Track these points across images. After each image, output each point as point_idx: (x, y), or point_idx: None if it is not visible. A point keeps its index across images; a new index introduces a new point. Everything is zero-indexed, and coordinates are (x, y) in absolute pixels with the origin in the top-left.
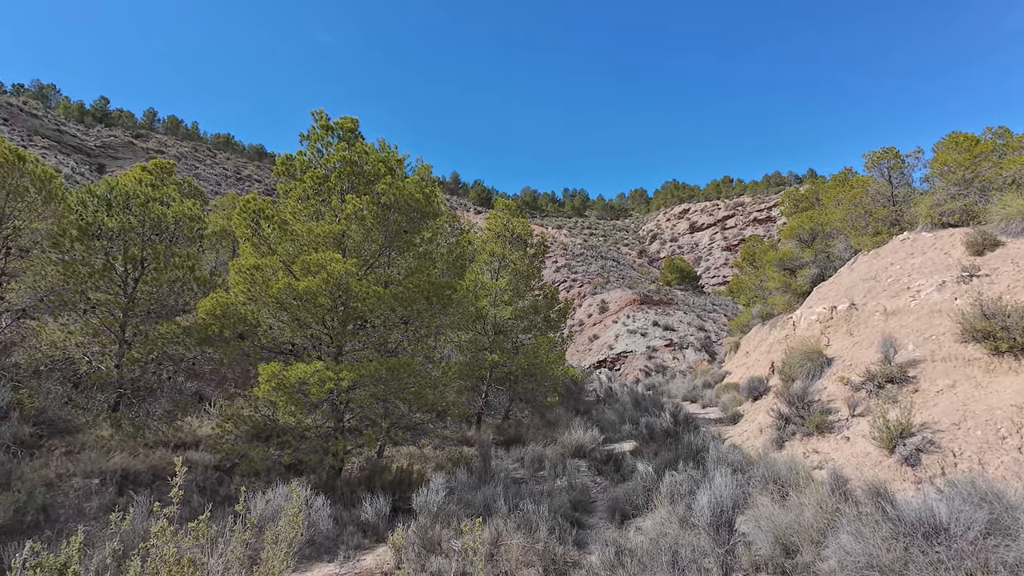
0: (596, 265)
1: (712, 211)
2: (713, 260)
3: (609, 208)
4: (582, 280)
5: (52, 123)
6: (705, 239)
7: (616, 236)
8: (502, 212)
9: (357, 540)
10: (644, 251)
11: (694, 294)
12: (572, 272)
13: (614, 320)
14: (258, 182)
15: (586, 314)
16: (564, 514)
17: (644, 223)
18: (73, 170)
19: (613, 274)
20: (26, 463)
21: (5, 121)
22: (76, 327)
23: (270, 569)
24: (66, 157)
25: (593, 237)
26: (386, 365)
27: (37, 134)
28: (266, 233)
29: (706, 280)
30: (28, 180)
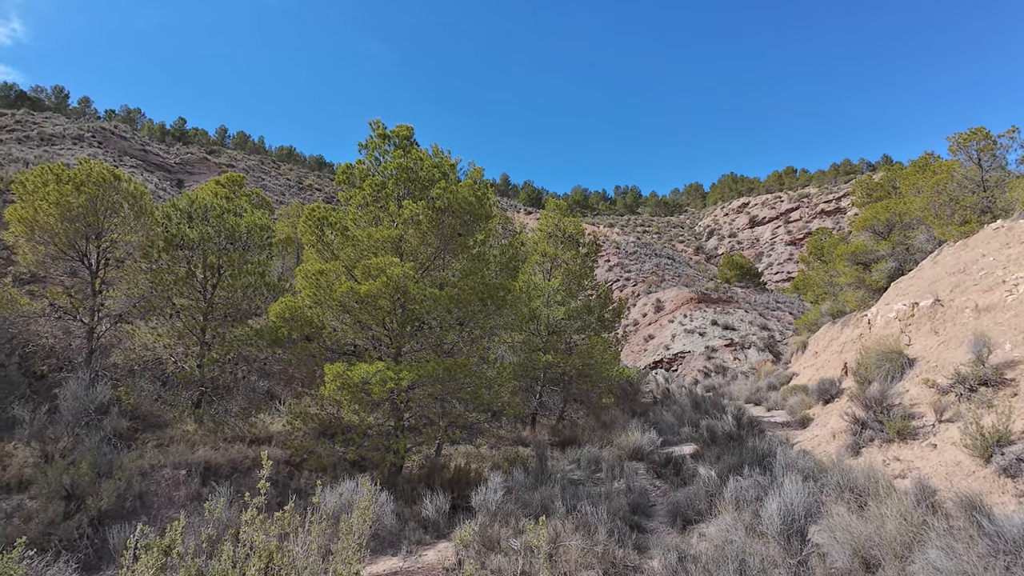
0: (650, 263)
1: (774, 204)
2: (776, 255)
3: (663, 204)
4: (636, 279)
5: (138, 144)
6: (767, 233)
7: (671, 233)
8: (553, 212)
9: (418, 536)
10: (701, 248)
11: (755, 291)
12: (625, 271)
13: (670, 319)
14: (319, 191)
15: (640, 314)
16: (623, 517)
17: (700, 219)
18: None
19: (668, 272)
20: (124, 454)
21: (99, 144)
22: (163, 330)
23: (346, 558)
24: (150, 174)
25: (647, 235)
26: (443, 365)
27: (126, 154)
28: (329, 239)
29: (768, 276)
30: (122, 197)
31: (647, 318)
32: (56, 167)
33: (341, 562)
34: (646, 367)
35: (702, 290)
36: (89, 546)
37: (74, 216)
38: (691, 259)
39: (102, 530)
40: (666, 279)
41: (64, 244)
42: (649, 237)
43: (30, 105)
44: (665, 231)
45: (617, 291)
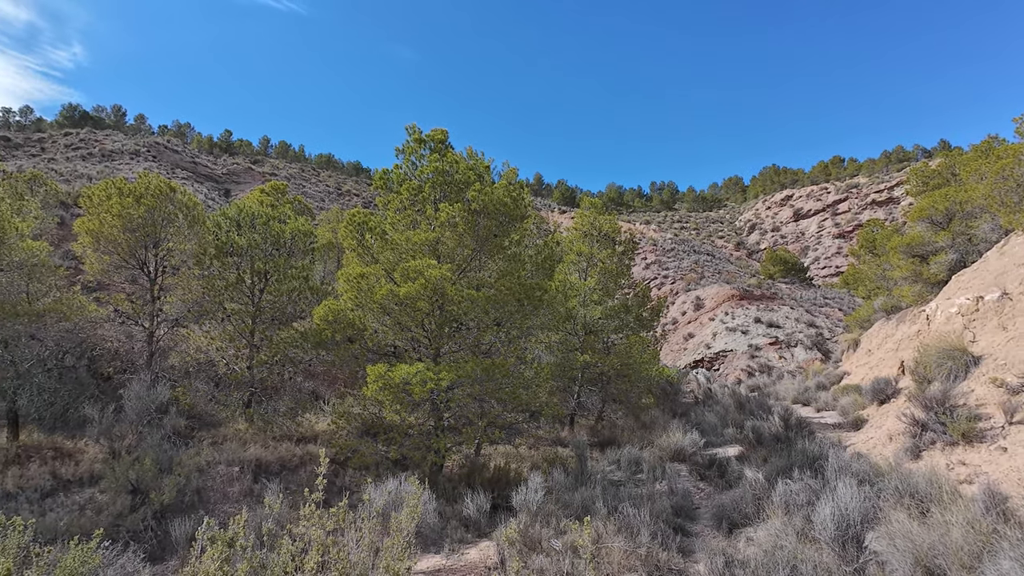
0: (689, 260)
1: (820, 196)
2: (823, 249)
3: (701, 200)
4: (674, 276)
5: (189, 156)
6: (812, 227)
7: (710, 229)
8: (588, 210)
9: (460, 534)
10: (742, 243)
11: (801, 287)
12: (663, 268)
13: (711, 317)
14: (356, 196)
15: (680, 312)
16: (666, 519)
17: (741, 213)
18: (206, 196)
19: (708, 269)
20: (183, 451)
21: (154, 158)
22: (216, 333)
23: (395, 555)
24: (200, 185)
25: (684, 231)
26: (481, 366)
27: (178, 167)
28: (369, 243)
29: (815, 271)
30: (177, 208)
31: (686, 316)
32: (118, 181)
33: (390, 558)
34: (686, 366)
35: (744, 287)
36: (153, 537)
37: (134, 227)
38: (731, 255)
39: (164, 523)
40: (706, 276)
41: (126, 253)
42: (687, 233)
43: (92, 124)
44: (704, 227)
45: (655, 289)
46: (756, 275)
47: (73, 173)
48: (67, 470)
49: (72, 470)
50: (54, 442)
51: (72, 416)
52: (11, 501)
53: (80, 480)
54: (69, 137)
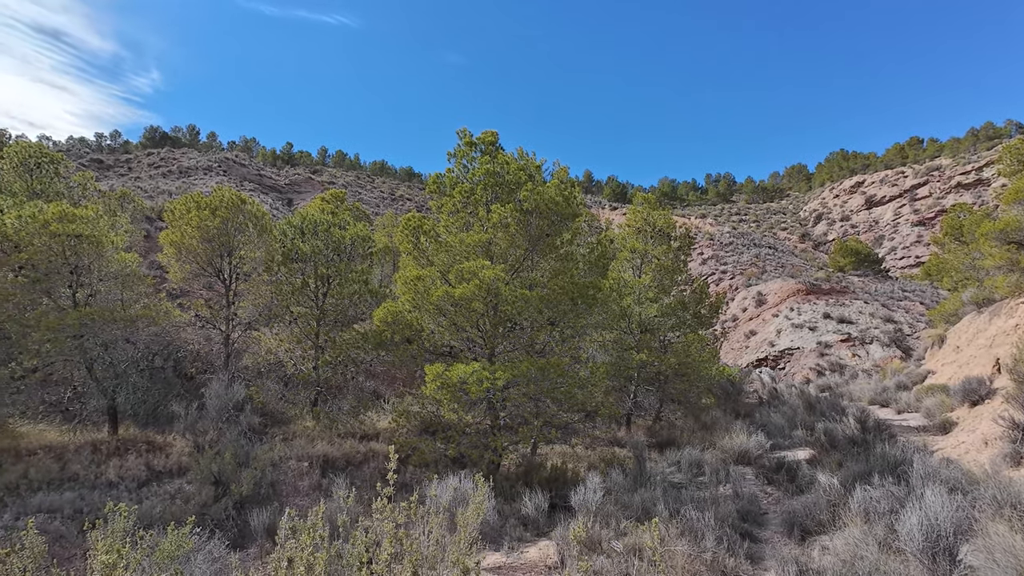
0: (749, 254)
1: (895, 180)
2: (900, 238)
3: (761, 190)
4: (733, 271)
5: (255, 169)
6: (887, 214)
7: (771, 220)
8: (641, 206)
9: (519, 532)
10: (807, 234)
11: (876, 280)
12: (721, 263)
13: (774, 314)
14: (409, 200)
15: (740, 308)
16: (732, 524)
17: (805, 203)
18: (271, 206)
19: (770, 263)
20: (258, 446)
21: (224, 172)
22: (284, 335)
23: (461, 550)
24: (265, 195)
25: (743, 224)
26: (536, 365)
27: (246, 179)
28: (424, 246)
29: (891, 262)
30: (247, 218)
31: (747, 313)
32: (196, 195)
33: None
34: (748, 365)
35: (811, 280)
36: (234, 526)
37: (211, 237)
38: (796, 247)
39: (244, 513)
40: (767, 270)
41: (204, 262)
42: (746, 226)
43: (170, 143)
44: (764, 219)
45: (713, 285)
46: (824, 268)
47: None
48: (159, 462)
49: (163, 462)
50: (147, 436)
51: (161, 413)
52: (113, 489)
53: (170, 471)
54: (151, 156)
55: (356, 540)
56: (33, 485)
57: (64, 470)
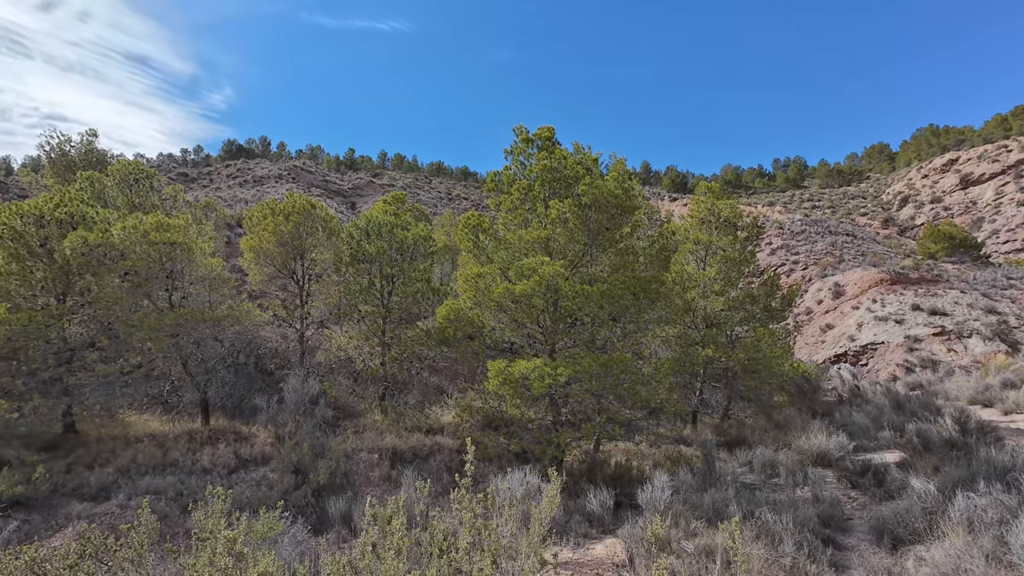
0: (823, 242)
1: (997, 156)
2: (1003, 220)
3: (836, 173)
4: (806, 262)
5: (320, 175)
6: (988, 193)
7: (848, 205)
8: (704, 196)
9: (584, 529)
10: (891, 219)
11: (975, 267)
12: (792, 253)
13: (854, 306)
14: (465, 199)
15: (815, 301)
16: (812, 529)
17: (888, 185)
18: (336, 209)
19: (848, 251)
20: (331, 438)
21: (293, 179)
22: (353, 333)
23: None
24: (331, 200)
25: (816, 210)
26: (599, 362)
27: (312, 185)
28: (484, 244)
29: (993, 247)
30: (317, 222)
31: (823, 305)
32: (270, 202)
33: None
34: (825, 361)
35: (896, 269)
36: (313, 513)
37: (285, 241)
38: (878, 234)
39: (321, 500)
40: (845, 259)
41: (279, 265)
42: (820, 213)
43: (245, 155)
44: (841, 204)
45: (783, 277)
46: (912, 255)
47: (233, 198)
48: (245, 451)
49: (249, 451)
50: (234, 427)
51: (246, 405)
52: (207, 474)
53: (255, 460)
54: (229, 168)
55: (434, 529)
56: (141, 469)
57: (166, 456)
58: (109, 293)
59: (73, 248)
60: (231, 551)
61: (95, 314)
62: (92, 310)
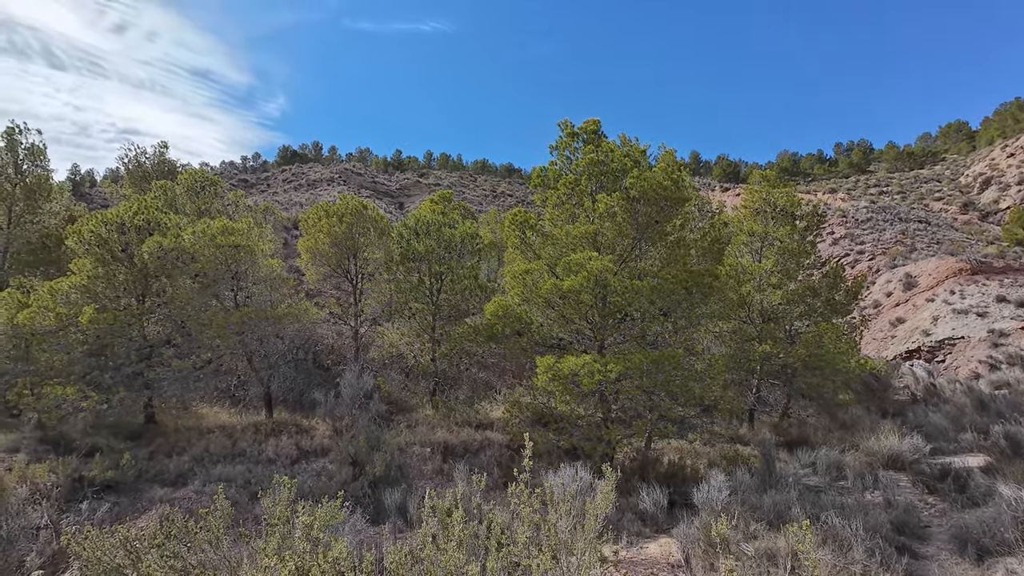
0: (892, 231)
1: None
2: None
3: (906, 156)
4: (872, 251)
5: (369, 177)
6: None
7: (920, 190)
8: (759, 184)
9: (637, 527)
10: (970, 204)
11: None
12: (856, 243)
13: (928, 298)
14: (510, 196)
15: (883, 293)
16: (885, 536)
17: (967, 166)
18: (385, 209)
19: (921, 239)
20: (386, 432)
21: (344, 182)
22: (404, 330)
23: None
24: (380, 201)
25: (884, 196)
26: (650, 358)
27: (362, 187)
28: (531, 240)
29: None
30: (368, 222)
31: (892, 298)
32: (324, 205)
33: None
34: (896, 358)
35: (977, 258)
36: (370, 503)
37: (339, 241)
38: (955, 220)
39: (377, 492)
40: (918, 248)
41: (334, 264)
42: (888, 199)
43: (299, 160)
44: (912, 188)
45: (847, 268)
46: (996, 242)
47: (289, 202)
48: (306, 443)
49: (309, 443)
50: (295, 420)
51: (306, 399)
52: (272, 464)
53: (315, 451)
54: (285, 173)
55: (491, 522)
56: (213, 458)
57: (235, 447)
58: (182, 294)
59: (150, 252)
60: (308, 536)
61: (170, 313)
62: (167, 310)
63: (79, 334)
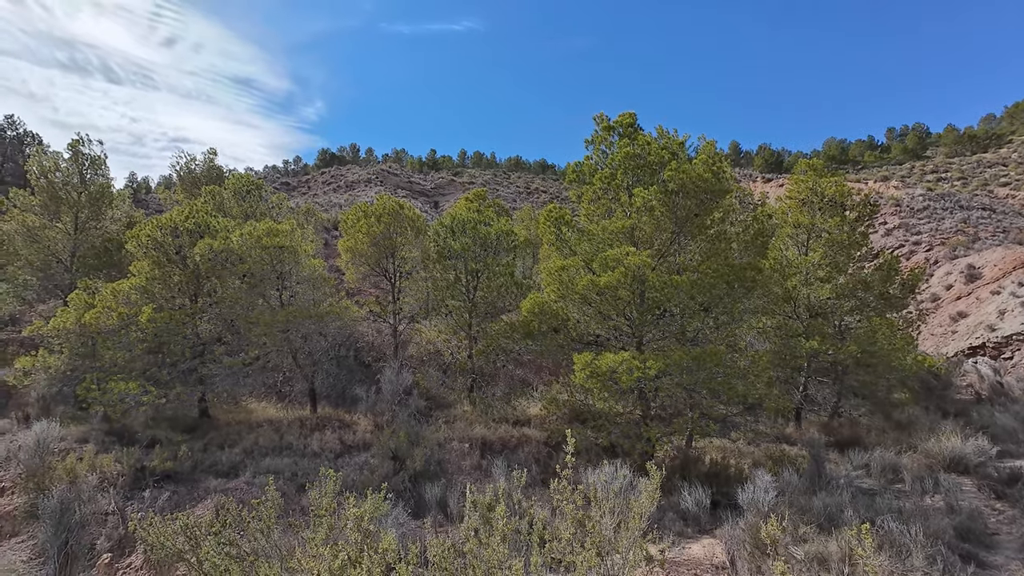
0: (952, 220)
1: None
2: None
3: (967, 140)
4: (930, 242)
5: (405, 177)
6: None
7: (984, 176)
8: (805, 174)
9: (679, 527)
10: None
11: None
12: (912, 233)
13: (994, 291)
14: (544, 192)
15: (943, 286)
16: (947, 543)
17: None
18: (420, 209)
19: (984, 227)
20: (425, 427)
21: (381, 182)
22: (441, 327)
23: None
24: (415, 200)
25: (943, 183)
26: (691, 355)
27: (398, 187)
28: (567, 237)
29: None
30: (405, 222)
31: (953, 291)
32: (363, 205)
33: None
34: (957, 354)
35: None
36: (411, 497)
37: (377, 241)
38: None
39: (418, 486)
40: (981, 237)
41: (373, 263)
42: (947, 185)
43: (337, 162)
44: (974, 174)
45: (902, 260)
46: None
47: (329, 203)
48: (348, 437)
49: (351, 437)
50: (338, 415)
51: (348, 395)
52: (317, 458)
53: (357, 446)
54: (324, 175)
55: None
56: (262, 451)
57: (282, 440)
58: (231, 293)
59: (201, 254)
60: (359, 527)
61: (220, 312)
62: (218, 309)
63: (139, 332)
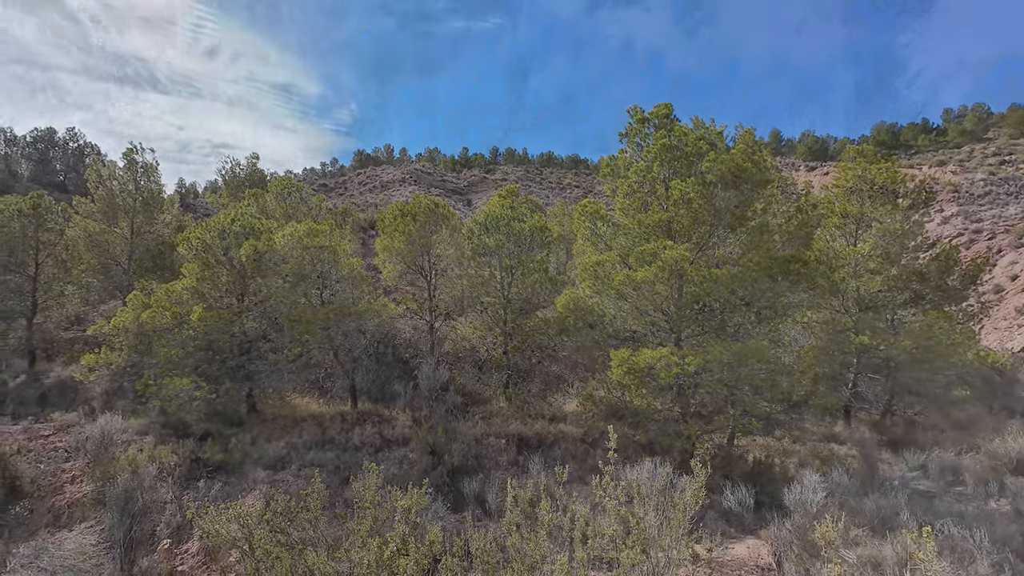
0: (1018, 205)
1: None
2: None
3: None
4: (992, 230)
5: (438, 176)
6: None
7: None
8: (853, 161)
9: (721, 527)
10: None
11: None
12: (971, 221)
13: None
14: (576, 187)
15: (1007, 276)
16: (1016, 549)
17: None
18: (453, 206)
19: None
20: (462, 423)
21: (415, 182)
22: (477, 324)
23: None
24: (448, 198)
25: (1007, 166)
26: (731, 350)
27: (432, 186)
28: (602, 232)
29: None
30: (440, 219)
31: (1019, 281)
32: (399, 204)
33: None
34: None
35: None
36: (450, 491)
37: (413, 239)
38: None
39: (456, 481)
40: None
41: (409, 261)
42: (1012, 169)
43: (373, 162)
44: None
45: (961, 249)
46: None
47: (365, 203)
48: (388, 432)
49: (391, 432)
50: (378, 410)
51: (387, 391)
52: (358, 452)
53: (396, 440)
54: (360, 176)
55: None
56: (306, 444)
57: (324, 434)
58: (275, 292)
59: (247, 255)
60: (407, 519)
61: (265, 311)
62: (263, 307)
63: (190, 331)
